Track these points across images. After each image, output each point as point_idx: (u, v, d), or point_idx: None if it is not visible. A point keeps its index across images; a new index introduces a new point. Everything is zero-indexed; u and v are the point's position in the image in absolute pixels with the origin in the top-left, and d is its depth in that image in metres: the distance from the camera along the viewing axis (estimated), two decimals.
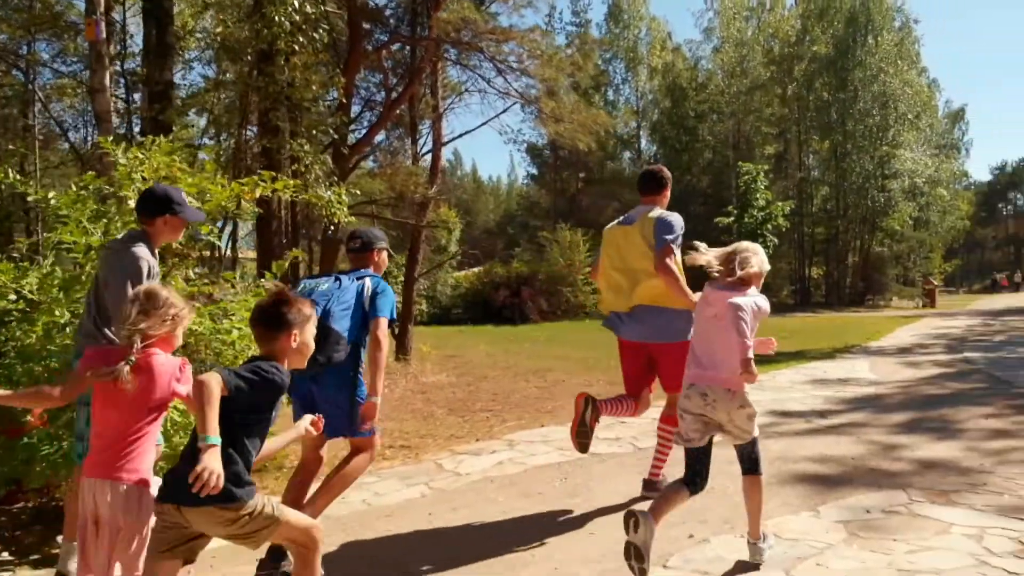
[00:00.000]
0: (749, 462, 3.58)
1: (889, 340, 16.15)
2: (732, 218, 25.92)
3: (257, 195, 5.17)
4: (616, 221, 4.75)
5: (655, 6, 69.97)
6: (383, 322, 3.65)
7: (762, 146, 40.74)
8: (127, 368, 2.50)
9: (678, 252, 4.33)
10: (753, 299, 3.38)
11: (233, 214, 8.99)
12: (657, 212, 4.45)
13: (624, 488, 4.98)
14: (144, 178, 4.49)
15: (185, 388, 2.62)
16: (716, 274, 3.51)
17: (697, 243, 3.68)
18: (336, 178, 9.48)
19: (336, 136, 9.38)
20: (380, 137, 12.54)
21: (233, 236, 15.12)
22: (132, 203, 4.55)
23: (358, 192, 9.05)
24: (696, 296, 3.90)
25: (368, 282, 3.73)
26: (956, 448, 5.83)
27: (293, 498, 3.60)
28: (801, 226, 37.97)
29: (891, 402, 8.16)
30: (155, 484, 2.57)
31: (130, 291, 3.12)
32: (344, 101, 10.03)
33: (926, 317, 25.34)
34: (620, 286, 4.50)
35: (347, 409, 3.65)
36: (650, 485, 4.73)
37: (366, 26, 11.94)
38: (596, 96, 44.28)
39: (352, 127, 12.37)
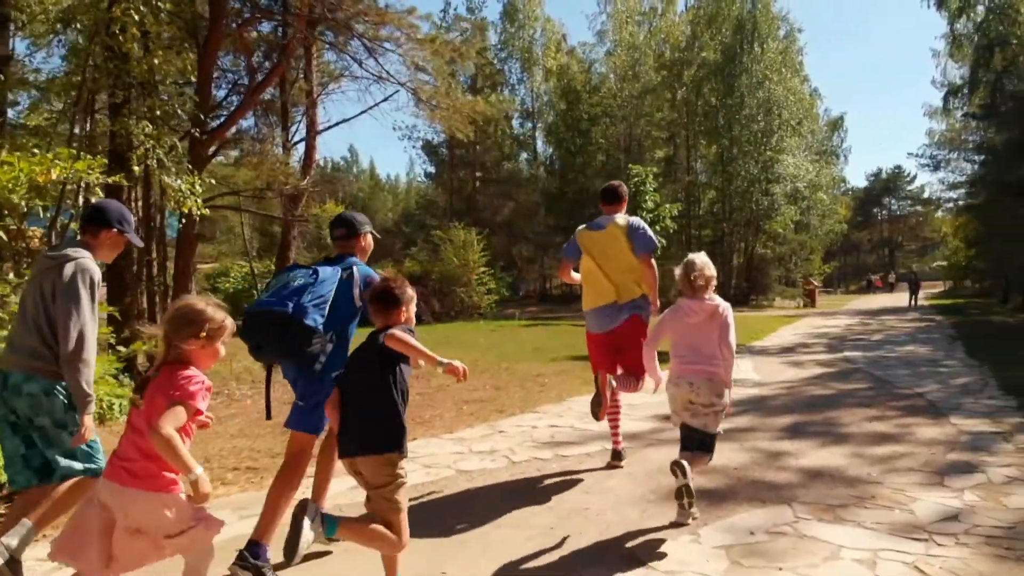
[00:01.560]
0: (701, 446, 4.14)
1: (772, 339, 16.38)
2: None
3: (53, 177, 4.31)
4: (585, 227, 5.48)
5: (550, 7, 70.27)
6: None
7: (652, 150, 41.40)
8: (140, 394, 2.61)
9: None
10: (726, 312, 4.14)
11: (69, 203, 7.88)
12: (631, 218, 5.32)
13: (491, 512, 4.40)
14: None
15: (185, 406, 2.55)
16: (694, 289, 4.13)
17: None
18: (189, 165, 8.53)
19: (185, 118, 8.40)
20: (248, 124, 11.57)
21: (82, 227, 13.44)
22: None
23: (213, 181, 8.16)
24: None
25: (356, 273, 3.63)
26: (842, 455, 5.58)
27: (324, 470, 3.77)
28: (689, 228, 38.76)
29: (775, 404, 7.97)
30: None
31: (87, 309, 3.21)
32: (201, 81, 9.06)
33: (807, 316, 26.19)
34: (601, 284, 5.21)
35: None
36: (617, 455, 5.51)
37: (233, 4, 10.98)
38: (492, 95, 43.92)
39: (220, 112, 11.33)
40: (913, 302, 32.47)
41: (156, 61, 7.57)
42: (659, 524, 4.10)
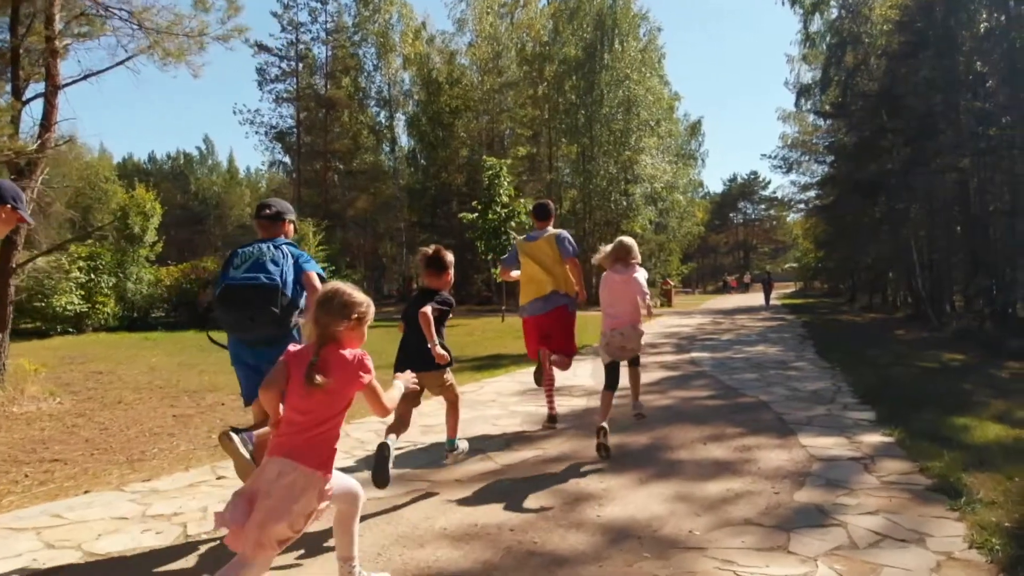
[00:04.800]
0: (634, 360, 5.66)
1: None
2: (476, 214, 24.37)
3: None
4: (524, 237, 6.61)
5: None
6: (314, 275, 3.78)
7: (515, 146, 40.25)
8: (316, 375, 2.55)
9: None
10: (643, 273, 5.54)
11: None
12: (558, 231, 6.35)
13: None
14: None
15: (368, 377, 2.66)
16: (617, 261, 5.55)
17: (600, 246, 5.90)
18: None
19: None
20: None
21: None
22: None
23: None
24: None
25: (287, 249, 3.82)
26: (663, 497, 4.10)
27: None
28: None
29: None
30: (336, 477, 2.71)
31: None
32: None
33: (663, 316, 25.64)
34: (538, 280, 6.24)
35: None
36: (552, 419, 6.24)
37: None
38: (345, 80, 41.55)
39: None
40: (766, 301, 33.11)
41: None
42: None
